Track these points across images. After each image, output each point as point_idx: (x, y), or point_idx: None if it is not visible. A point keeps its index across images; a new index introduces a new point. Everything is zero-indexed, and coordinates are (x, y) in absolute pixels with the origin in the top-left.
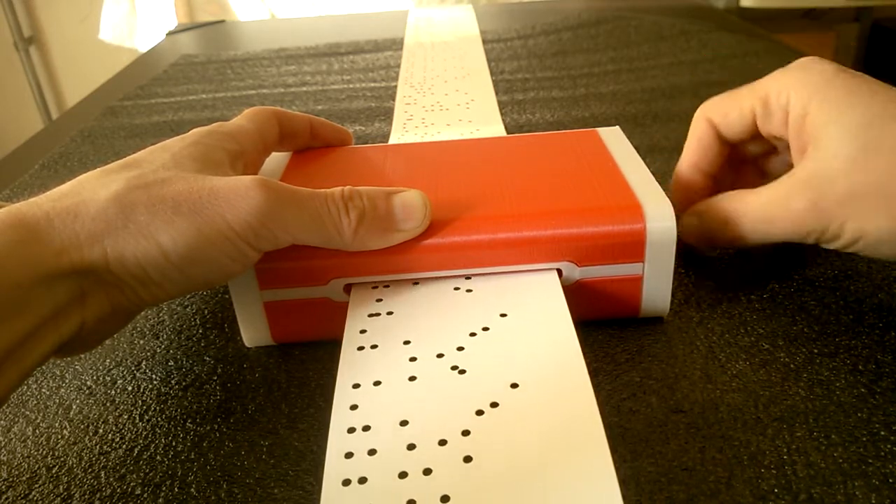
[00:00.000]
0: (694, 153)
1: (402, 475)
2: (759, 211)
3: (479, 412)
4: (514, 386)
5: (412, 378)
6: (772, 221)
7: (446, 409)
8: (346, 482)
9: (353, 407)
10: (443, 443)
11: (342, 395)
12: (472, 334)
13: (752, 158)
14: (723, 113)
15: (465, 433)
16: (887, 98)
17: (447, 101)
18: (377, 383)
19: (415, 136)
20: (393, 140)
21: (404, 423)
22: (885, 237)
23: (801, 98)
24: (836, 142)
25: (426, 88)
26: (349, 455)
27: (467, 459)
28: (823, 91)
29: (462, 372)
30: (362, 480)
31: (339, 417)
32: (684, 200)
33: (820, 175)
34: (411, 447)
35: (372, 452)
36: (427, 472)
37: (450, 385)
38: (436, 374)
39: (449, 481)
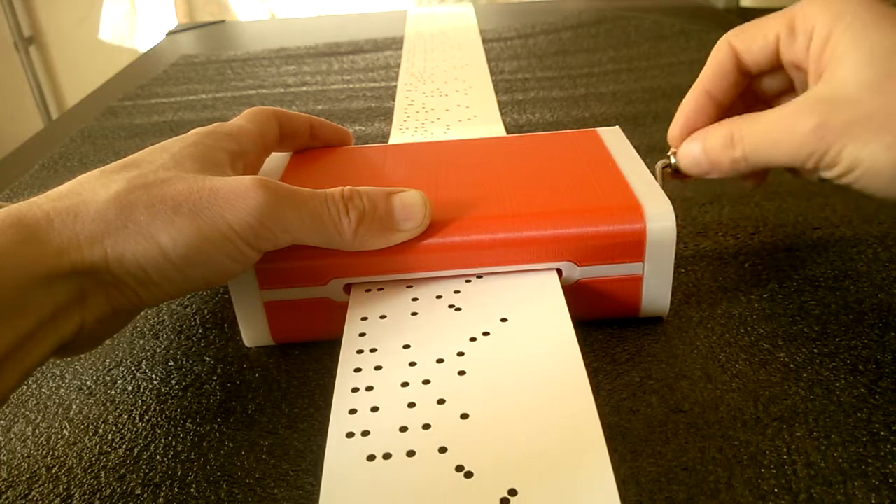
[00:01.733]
0: (709, 78)
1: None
2: (763, 131)
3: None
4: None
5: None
6: (776, 140)
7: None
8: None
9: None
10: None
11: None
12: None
13: (766, 98)
14: (747, 37)
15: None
16: None
17: (447, 100)
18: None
19: (414, 134)
20: (393, 136)
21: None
22: (880, 168)
23: (827, 22)
24: (854, 66)
25: (426, 84)
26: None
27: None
28: (849, 17)
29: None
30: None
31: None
32: (689, 126)
33: (832, 96)
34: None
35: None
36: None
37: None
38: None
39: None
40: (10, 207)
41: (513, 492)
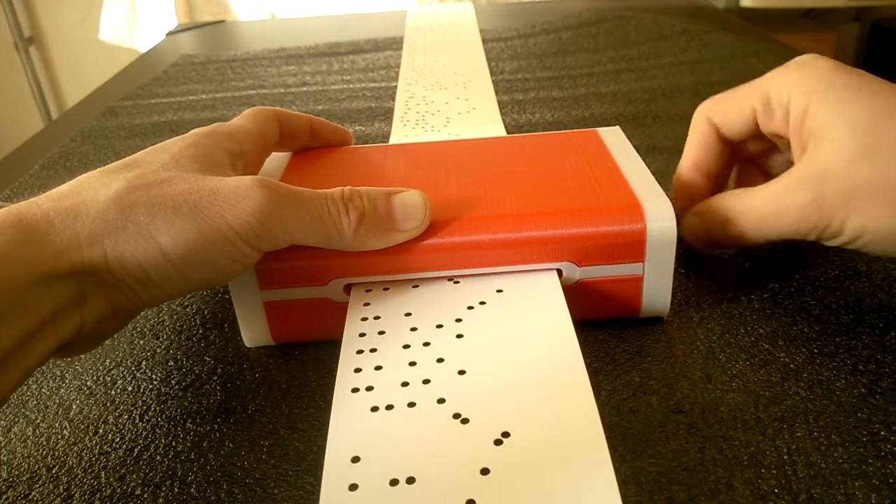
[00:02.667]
0: (694, 153)
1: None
2: (759, 209)
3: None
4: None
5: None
6: (773, 219)
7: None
8: (353, 487)
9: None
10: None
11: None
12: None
13: (753, 157)
14: (722, 112)
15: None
16: (888, 95)
17: (446, 94)
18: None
19: (416, 126)
20: (395, 126)
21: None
22: (888, 234)
23: (802, 96)
24: (837, 139)
25: (426, 78)
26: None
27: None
28: (823, 88)
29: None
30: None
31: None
32: (685, 201)
33: (821, 172)
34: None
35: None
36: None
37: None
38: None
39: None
40: (10, 207)
41: None
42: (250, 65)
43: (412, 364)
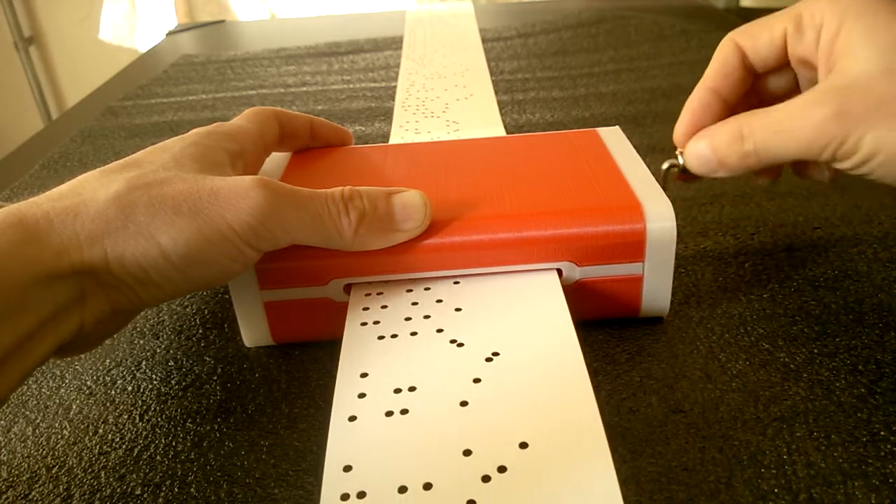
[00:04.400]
0: (715, 76)
1: (402, 489)
2: (776, 123)
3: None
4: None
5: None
6: (789, 133)
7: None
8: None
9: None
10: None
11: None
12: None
13: (770, 99)
14: (753, 35)
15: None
16: None
17: (445, 81)
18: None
19: (416, 112)
20: (396, 114)
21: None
22: None
23: (836, 16)
24: (867, 56)
25: (426, 68)
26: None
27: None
28: (857, 11)
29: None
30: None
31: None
32: (694, 126)
33: (848, 84)
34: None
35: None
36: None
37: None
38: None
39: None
40: (10, 207)
41: None
42: (250, 65)
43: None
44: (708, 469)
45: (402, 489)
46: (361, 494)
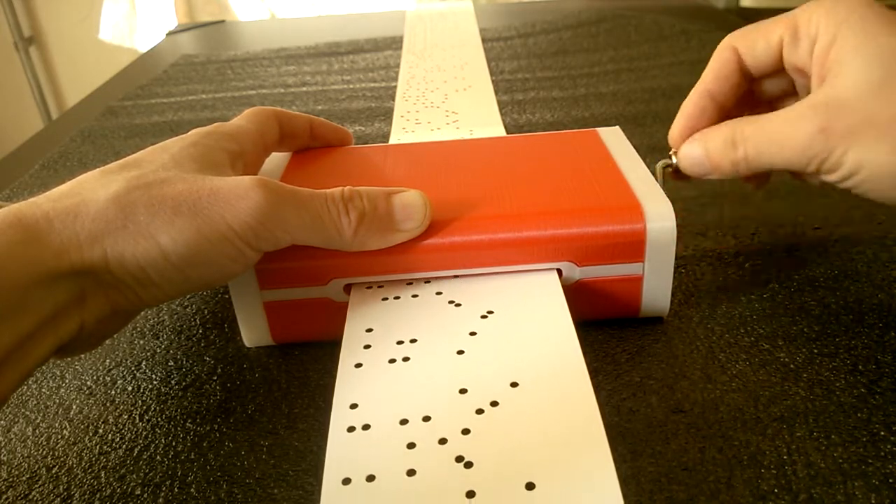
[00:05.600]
0: (711, 80)
1: (403, 421)
2: (767, 133)
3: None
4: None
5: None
6: (779, 143)
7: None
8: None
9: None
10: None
11: (339, 423)
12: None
13: (767, 101)
14: (750, 40)
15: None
16: None
17: (445, 73)
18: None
19: (416, 103)
20: (397, 105)
21: (404, 421)
22: (883, 171)
23: (831, 27)
24: (857, 70)
25: (426, 62)
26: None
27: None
28: (852, 21)
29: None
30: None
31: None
32: (689, 128)
33: (835, 100)
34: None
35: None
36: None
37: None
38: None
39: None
40: (10, 207)
41: None
42: (250, 65)
43: (409, 422)
44: (708, 469)
45: (403, 421)
46: (366, 427)
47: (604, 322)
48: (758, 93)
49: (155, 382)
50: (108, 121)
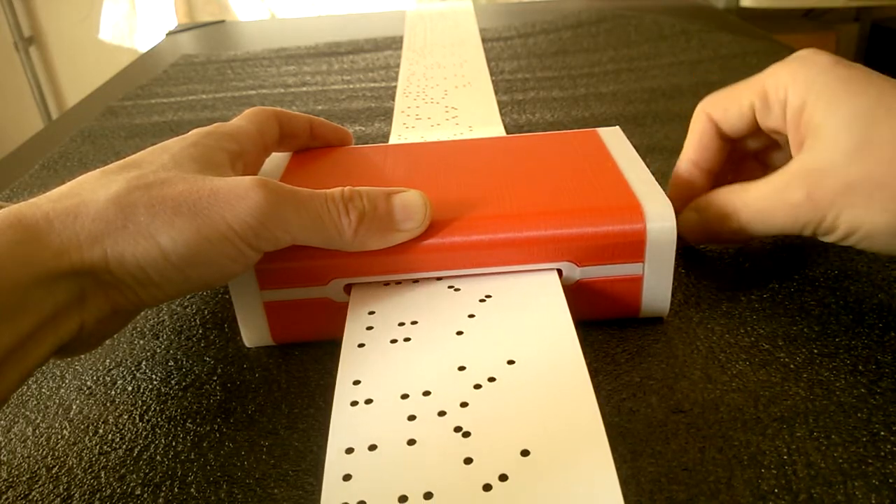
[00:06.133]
0: (694, 151)
1: (404, 396)
2: (756, 203)
3: (478, 386)
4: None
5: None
6: (769, 213)
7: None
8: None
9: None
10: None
11: (342, 398)
12: (472, 334)
13: (753, 153)
14: (722, 109)
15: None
16: (882, 90)
17: (444, 70)
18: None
19: (416, 99)
20: (398, 99)
21: (405, 396)
22: (881, 230)
23: (799, 91)
24: (832, 134)
25: (426, 58)
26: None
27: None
28: (820, 84)
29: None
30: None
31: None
32: (683, 198)
33: (816, 167)
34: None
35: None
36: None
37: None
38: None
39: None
40: (10, 208)
41: None
42: (250, 65)
43: (409, 397)
44: (708, 469)
45: (404, 396)
46: (368, 401)
47: (604, 322)
48: (742, 148)
49: (155, 382)
50: (108, 121)
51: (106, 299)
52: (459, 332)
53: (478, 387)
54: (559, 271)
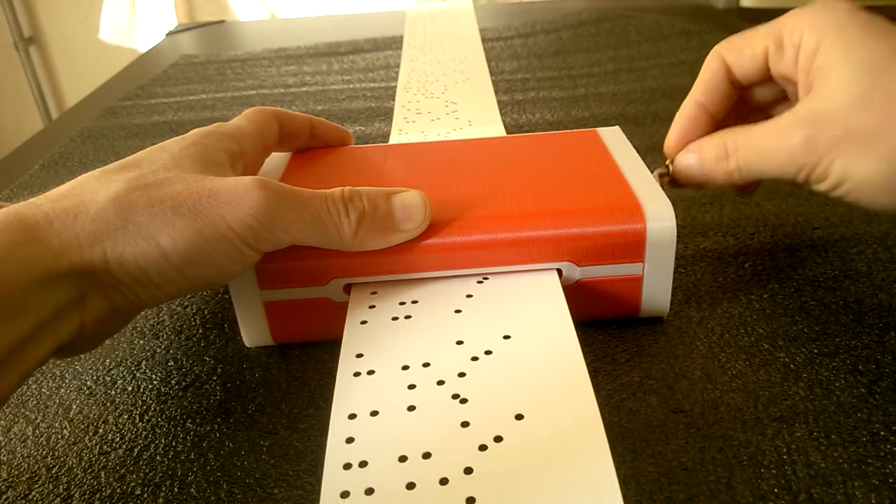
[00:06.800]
0: (702, 92)
1: (404, 367)
2: (756, 144)
3: (475, 358)
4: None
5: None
6: (768, 154)
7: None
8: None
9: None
10: (440, 382)
11: (345, 370)
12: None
13: (760, 107)
14: (737, 50)
15: (461, 375)
16: None
17: (444, 67)
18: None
19: (416, 94)
20: (398, 96)
21: (405, 367)
22: (871, 181)
23: (814, 36)
24: (841, 80)
25: (426, 56)
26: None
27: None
28: (836, 29)
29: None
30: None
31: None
32: (683, 139)
33: (819, 111)
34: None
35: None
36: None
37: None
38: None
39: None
40: (10, 208)
41: None
42: (250, 65)
43: (409, 368)
44: (708, 469)
45: (405, 367)
46: (370, 372)
47: (604, 322)
48: (750, 100)
49: (155, 382)
50: (108, 121)
51: (106, 299)
52: (458, 311)
53: (475, 359)
54: (559, 271)
